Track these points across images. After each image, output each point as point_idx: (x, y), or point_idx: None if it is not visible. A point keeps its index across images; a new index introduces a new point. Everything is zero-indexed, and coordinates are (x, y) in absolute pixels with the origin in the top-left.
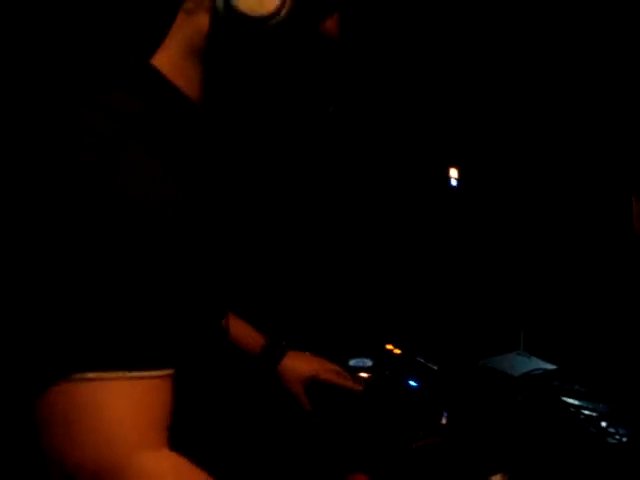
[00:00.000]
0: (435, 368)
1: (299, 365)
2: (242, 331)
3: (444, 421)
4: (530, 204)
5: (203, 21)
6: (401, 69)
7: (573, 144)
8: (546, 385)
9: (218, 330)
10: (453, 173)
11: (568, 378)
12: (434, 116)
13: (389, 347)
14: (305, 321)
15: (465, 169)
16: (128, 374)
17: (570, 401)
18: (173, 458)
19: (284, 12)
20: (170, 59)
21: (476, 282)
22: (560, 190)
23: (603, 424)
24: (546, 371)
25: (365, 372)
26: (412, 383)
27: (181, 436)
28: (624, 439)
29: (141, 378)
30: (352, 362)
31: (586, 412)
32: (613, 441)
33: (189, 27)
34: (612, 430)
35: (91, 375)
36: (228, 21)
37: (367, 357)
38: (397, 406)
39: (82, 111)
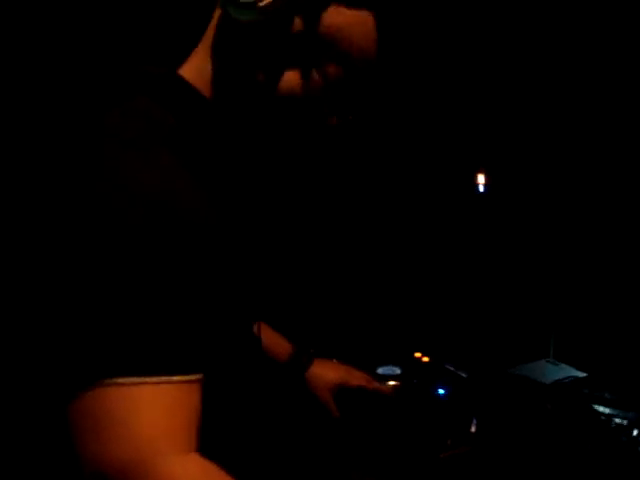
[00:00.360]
0: (464, 376)
1: (327, 372)
2: (270, 339)
3: (473, 429)
4: (561, 210)
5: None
6: (428, 74)
7: (605, 150)
8: (576, 393)
9: (250, 336)
10: (480, 179)
11: (598, 386)
12: (462, 120)
13: (418, 355)
14: (334, 329)
15: (493, 174)
16: (157, 379)
17: (601, 409)
18: (201, 462)
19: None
20: (197, 66)
21: (506, 289)
22: (592, 196)
23: (634, 432)
24: (576, 379)
25: (393, 380)
26: (441, 391)
27: (210, 441)
28: None
29: (170, 383)
30: (380, 370)
31: (617, 420)
32: None
33: (211, 29)
34: None
35: (121, 380)
36: (225, 9)
37: (395, 365)
38: (425, 414)
39: (108, 117)
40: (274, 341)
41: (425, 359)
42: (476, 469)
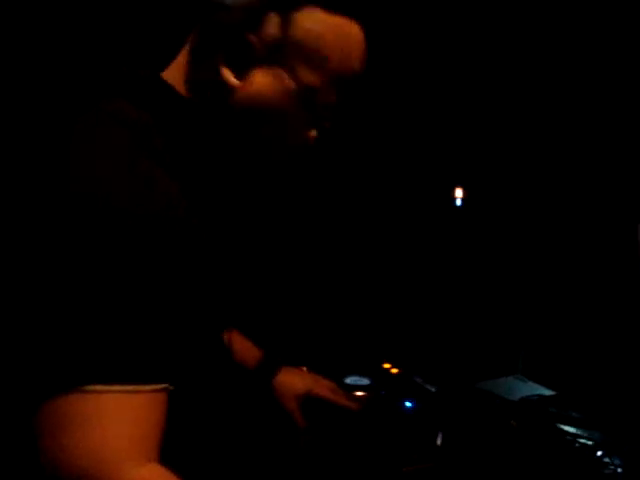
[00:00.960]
0: (432, 390)
1: (294, 381)
2: (240, 345)
3: (439, 442)
4: (534, 226)
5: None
6: (407, 87)
7: (580, 166)
8: (543, 411)
9: (219, 344)
10: (458, 193)
11: (565, 404)
12: (439, 135)
13: (387, 366)
14: (302, 337)
15: (470, 189)
16: (123, 387)
17: (566, 428)
18: (160, 471)
19: None
20: (179, 68)
21: (477, 304)
22: (565, 212)
23: (599, 453)
24: (543, 397)
25: (361, 391)
26: (408, 404)
27: (174, 450)
28: (619, 469)
29: (137, 392)
30: (348, 380)
31: (582, 440)
32: (608, 471)
33: (195, 33)
34: (607, 460)
35: (87, 388)
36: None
37: (364, 375)
38: (392, 427)
39: (82, 120)
40: (244, 347)
41: (394, 370)
42: None
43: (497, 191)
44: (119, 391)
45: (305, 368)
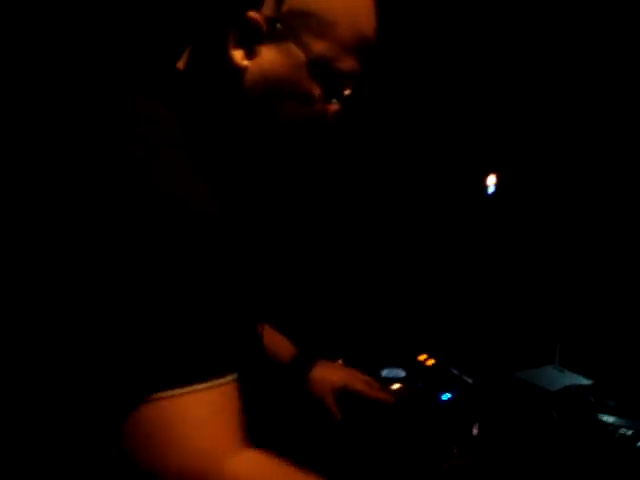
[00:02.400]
0: (469, 381)
1: (329, 375)
2: (273, 340)
3: (475, 432)
4: (570, 215)
5: None
6: (439, 73)
7: (618, 151)
8: (581, 401)
9: (254, 338)
10: (490, 180)
11: (603, 393)
12: (472, 122)
13: (422, 357)
14: (338, 330)
15: (503, 177)
16: (204, 385)
17: (605, 418)
18: (257, 457)
19: None
20: (191, 59)
21: (513, 294)
22: (602, 200)
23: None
24: (581, 386)
25: (397, 383)
26: (445, 396)
27: None
28: None
29: (215, 387)
30: (384, 372)
31: (622, 430)
32: None
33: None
34: None
35: (170, 393)
36: None
37: (400, 367)
38: (429, 420)
39: (115, 120)
40: (277, 343)
41: (430, 362)
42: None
43: (530, 179)
44: (201, 389)
45: (341, 361)
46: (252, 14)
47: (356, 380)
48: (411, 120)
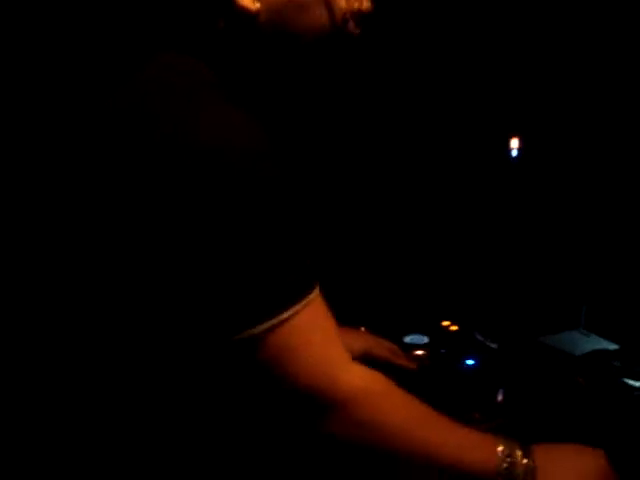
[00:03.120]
0: (493, 346)
1: (352, 341)
2: None
3: (500, 398)
4: (595, 178)
5: None
6: (461, 37)
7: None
8: (607, 366)
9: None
10: (514, 143)
11: (630, 358)
12: (493, 84)
13: (446, 324)
14: (361, 296)
15: (527, 139)
16: (309, 298)
17: (632, 383)
18: (364, 369)
19: None
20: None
21: (537, 258)
22: (627, 165)
23: None
24: (607, 351)
25: (421, 350)
26: (469, 362)
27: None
28: None
29: (312, 300)
30: (407, 339)
31: None
32: None
33: None
34: None
35: (287, 314)
36: None
37: (423, 334)
38: (453, 386)
39: (162, 73)
40: None
41: (453, 328)
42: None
43: (555, 142)
44: (306, 303)
45: (363, 328)
46: None
47: (379, 347)
48: (431, 86)
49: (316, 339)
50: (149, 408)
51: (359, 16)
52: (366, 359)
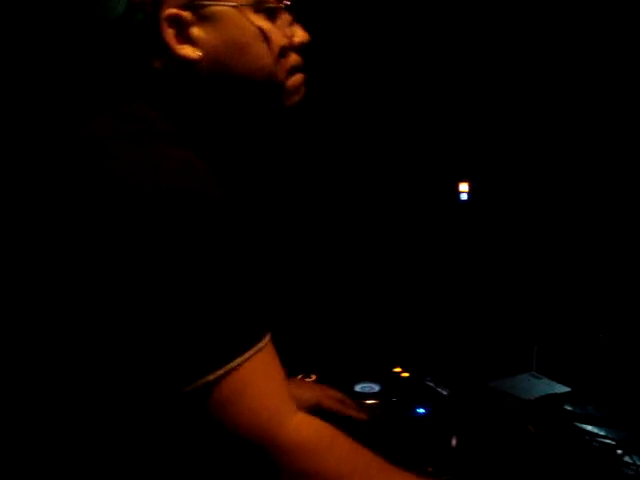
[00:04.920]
0: (445, 393)
1: (301, 393)
2: None
3: (451, 445)
4: (543, 219)
5: None
6: (408, 80)
7: (587, 158)
8: (559, 410)
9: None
10: (463, 187)
11: (582, 401)
12: (443, 129)
13: (397, 370)
14: (311, 344)
15: (476, 183)
16: (254, 350)
17: (584, 427)
18: (310, 419)
19: None
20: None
21: (487, 301)
22: (573, 205)
23: (619, 452)
24: (559, 395)
25: (372, 398)
26: (421, 410)
27: None
28: None
29: (261, 349)
30: (358, 387)
31: (601, 439)
32: (630, 472)
33: None
34: (628, 459)
35: (233, 364)
36: None
37: (374, 382)
38: (404, 435)
39: (100, 121)
40: None
41: (405, 374)
42: None
43: (505, 184)
44: (256, 351)
45: (314, 376)
46: (169, 11)
47: (328, 398)
48: (381, 127)
49: (261, 388)
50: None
51: (298, 48)
52: (317, 411)
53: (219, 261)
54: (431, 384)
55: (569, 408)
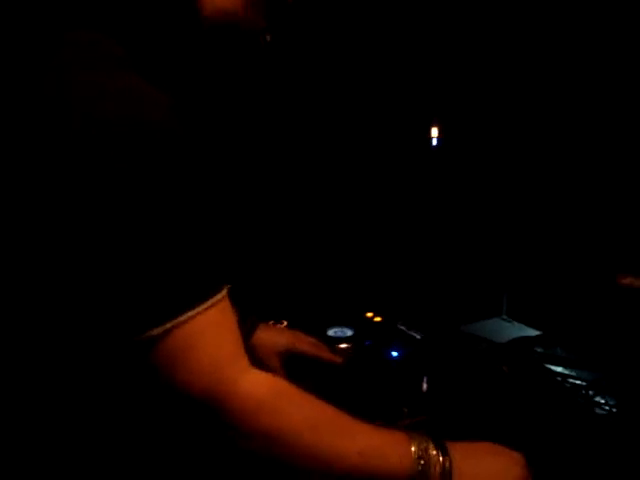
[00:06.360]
0: (417, 337)
1: (274, 338)
2: None
3: (424, 388)
4: (515, 165)
5: None
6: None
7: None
8: (530, 352)
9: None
10: (434, 132)
11: (552, 344)
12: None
13: (369, 315)
14: (282, 290)
15: (447, 128)
16: (208, 303)
17: (555, 369)
18: (265, 375)
19: None
20: None
21: (458, 247)
22: (543, 150)
23: (590, 393)
24: (529, 337)
25: (345, 342)
26: (394, 353)
27: None
28: (613, 409)
29: (216, 303)
30: (331, 332)
31: (572, 380)
32: (601, 412)
33: None
34: (600, 400)
35: (184, 317)
36: None
37: (347, 326)
38: (378, 378)
39: (57, 47)
40: None
41: (377, 319)
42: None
43: (477, 128)
44: (209, 306)
45: (285, 323)
46: None
47: (302, 341)
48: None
49: (213, 345)
50: (52, 404)
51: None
52: (290, 355)
53: (181, 204)
54: (403, 328)
55: (540, 350)
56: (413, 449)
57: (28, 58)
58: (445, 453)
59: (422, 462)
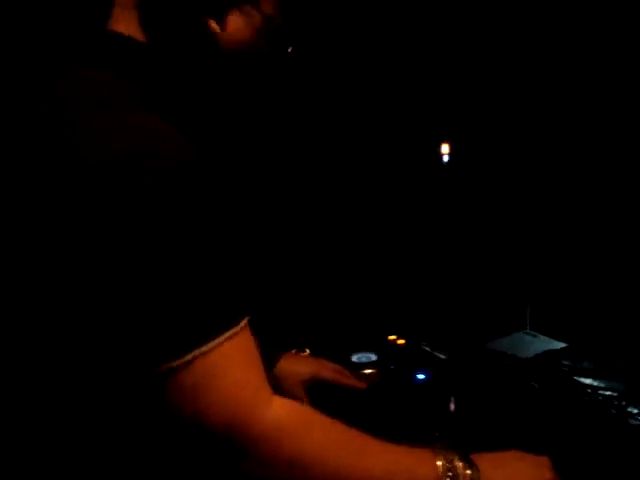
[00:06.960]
0: (442, 357)
1: (297, 367)
2: None
3: (453, 409)
4: (535, 177)
5: None
6: (390, 43)
7: (571, 115)
8: (558, 366)
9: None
10: (445, 149)
11: (579, 356)
12: (424, 91)
13: (392, 338)
14: (304, 318)
15: (457, 144)
16: (231, 331)
17: (584, 381)
18: (288, 404)
19: None
20: (128, 17)
21: (478, 262)
22: (563, 162)
23: (622, 404)
24: (556, 351)
25: (369, 368)
26: (420, 376)
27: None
28: None
29: (237, 333)
30: (355, 358)
31: (602, 392)
32: (635, 422)
33: None
34: (633, 410)
35: (206, 347)
36: None
37: (370, 351)
38: (405, 402)
39: (62, 85)
40: None
41: (401, 342)
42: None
43: (489, 143)
44: (228, 337)
45: (308, 351)
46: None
47: (325, 369)
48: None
49: (233, 376)
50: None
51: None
52: (315, 383)
53: (201, 236)
54: (427, 349)
55: (567, 363)
56: (439, 463)
57: (41, 93)
58: (472, 464)
59: (450, 474)
